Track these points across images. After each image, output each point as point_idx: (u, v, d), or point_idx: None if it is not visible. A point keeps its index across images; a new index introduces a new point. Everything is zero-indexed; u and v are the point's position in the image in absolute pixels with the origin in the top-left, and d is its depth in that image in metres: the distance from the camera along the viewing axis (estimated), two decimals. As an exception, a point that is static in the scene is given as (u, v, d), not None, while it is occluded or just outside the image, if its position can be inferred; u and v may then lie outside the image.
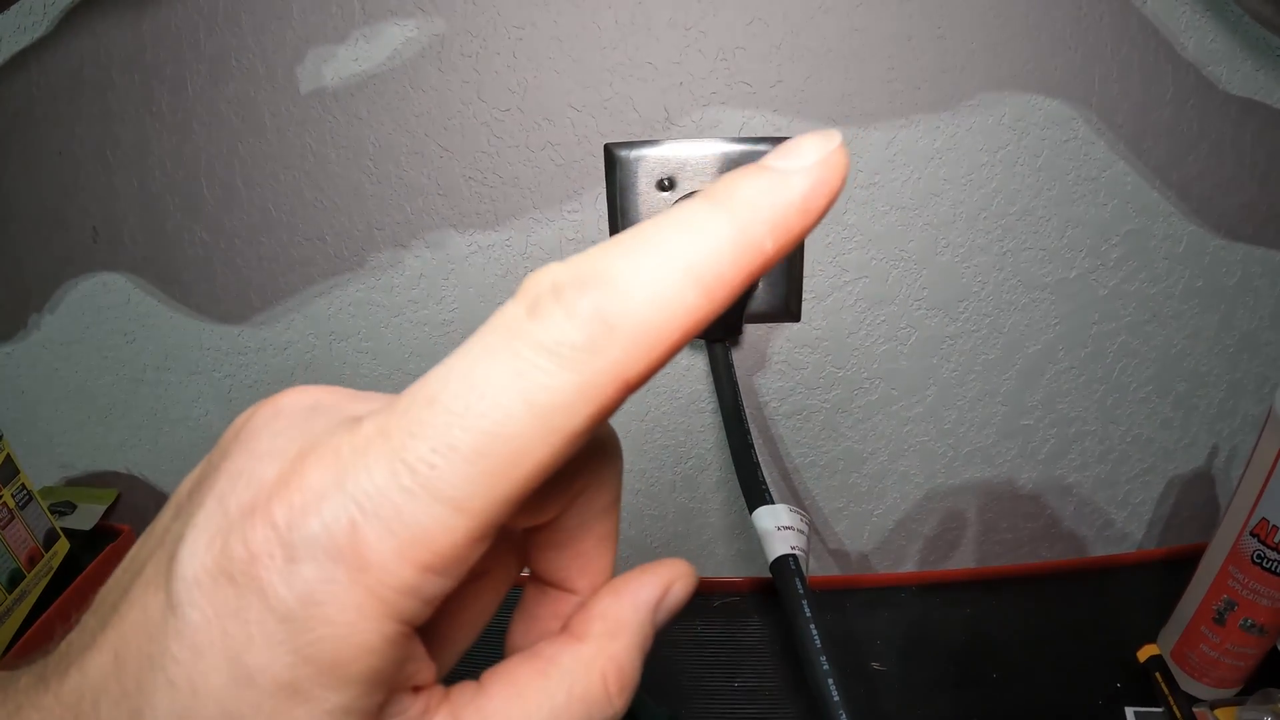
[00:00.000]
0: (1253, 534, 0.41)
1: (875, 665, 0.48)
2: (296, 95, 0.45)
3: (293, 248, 0.48)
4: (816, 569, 0.56)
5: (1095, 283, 0.47)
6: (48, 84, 0.47)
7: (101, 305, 0.53)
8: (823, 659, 0.32)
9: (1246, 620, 0.42)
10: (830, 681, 0.33)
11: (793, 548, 0.36)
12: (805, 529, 0.37)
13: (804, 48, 0.41)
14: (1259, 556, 0.41)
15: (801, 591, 0.34)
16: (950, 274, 0.46)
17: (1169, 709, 0.44)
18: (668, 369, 0.50)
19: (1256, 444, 0.41)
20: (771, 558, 0.36)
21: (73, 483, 0.61)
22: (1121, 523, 0.55)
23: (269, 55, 0.44)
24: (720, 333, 0.43)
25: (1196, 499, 0.55)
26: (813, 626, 0.33)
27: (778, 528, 0.36)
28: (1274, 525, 0.40)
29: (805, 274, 0.46)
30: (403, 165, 0.45)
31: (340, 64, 0.44)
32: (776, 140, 0.43)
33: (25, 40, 0.45)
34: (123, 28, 0.44)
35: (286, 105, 0.45)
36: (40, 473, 0.61)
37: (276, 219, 0.48)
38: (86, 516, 0.58)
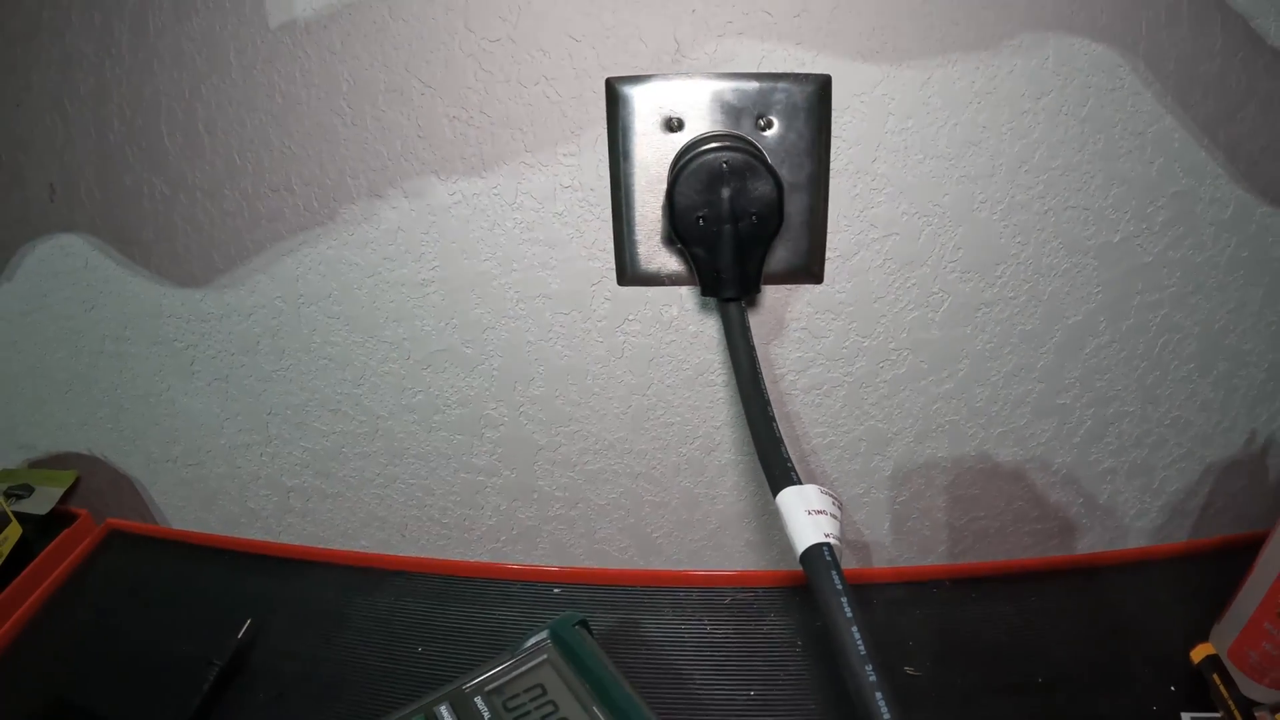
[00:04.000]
0: (1335, 520, 0.33)
1: (908, 670, 0.40)
2: (265, 29, 0.37)
3: (258, 200, 0.40)
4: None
5: (1140, 248, 0.40)
6: (5, 31, 0.40)
7: (59, 270, 0.45)
8: (869, 668, 0.25)
9: (1322, 617, 0.35)
10: (879, 696, 0.25)
11: (826, 535, 0.28)
12: (839, 514, 0.29)
13: (831, -26, 0.34)
14: (1347, 546, 0.33)
15: (840, 588, 0.26)
16: (987, 233, 0.39)
17: (1228, 713, 0.36)
18: (673, 336, 0.42)
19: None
20: (801, 548, 0.28)
21: (35, 465, 0.53)
22: (1155, 512, 0.48)
23: (236, -16, 0.37)
24: (735, 290, 0.35)
25: (1230, 488, 0.48)
26: (855, 630, 0.25)
27: (808, 512, 0.29)
28: (1365, 510, 0.32)
29: (829, 229, 0.38)
30: (380, 105, 0.38)
31: (313, -8, 0.36)
32: (799, 77, 0.35)
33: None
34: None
35: (254, 40, 0.38)
36: (2, 456, 0.53)
37: (241, 168, 0.40)
38: (43, 500, 0.50)
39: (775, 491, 0.29)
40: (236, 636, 0.41)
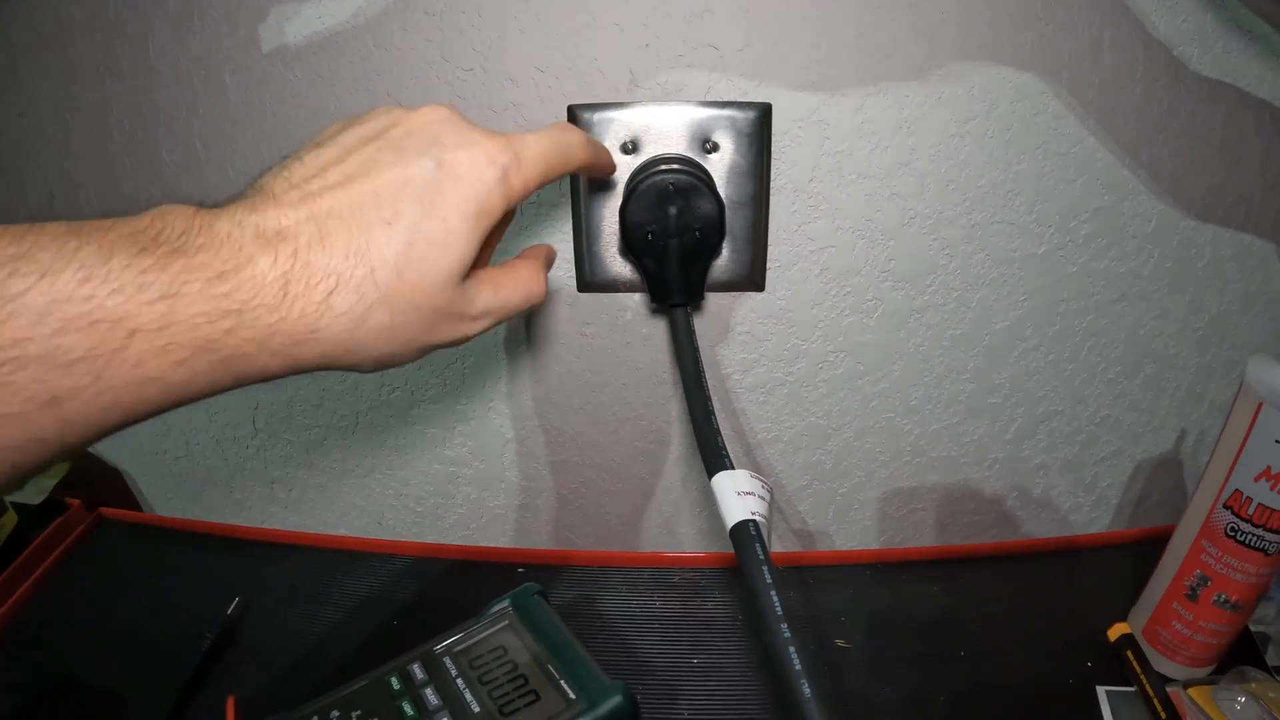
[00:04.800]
0: (1226, 506, 0.39)
1: (840, 643, 0.46)
2: (258, 54, 0.43)
3: (250, 210, 0.46)
4: (779, 547, 0.54)
5: (1064, 259, 0.46)
6: (9, 43, 0.45)
7: (57, 272, 0.50)
8: (784, 626, 0.30)
9: (1220, 596, 0.40)
10: (792, 649, 0.30)
11: (753, 513, 0.33)
12: (767, 496, 0.35)
13: (773, 12, 0.40)
14: (1232, 530, 0.39)
15: (762, 558, 0.32)
16: (918, 246, 0.45)
17: (1141, 688, 0.42)
18: (628, 338, 0.48)
19: (1229, 416, 0.39)
20: (730, 523, 0.33)
21: (28, 458, 0.58)
22: (1089, 506, 0.54)
23: (232, 12, 0.42)
24: (681, 298, 0.41)
25: (1163, 483, 0.54)
26: (774, 593, 0.31)
27: (738, 493, 0.34)
28: (1247, 497, 0.38)
29: (769, 242, 0.44)
30: (363, 125, 0.43)
31: (303, 21, 0.42)
32: (742, 105, 0.41)
33: (-15, -2, 0.43)
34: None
35: (247, 64, 0.43)
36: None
37: (234, 182, 0.45)
38: (36, 490, 0.55)
39: (710, 474, 0.35)
40: (226, 612, 0.47)
